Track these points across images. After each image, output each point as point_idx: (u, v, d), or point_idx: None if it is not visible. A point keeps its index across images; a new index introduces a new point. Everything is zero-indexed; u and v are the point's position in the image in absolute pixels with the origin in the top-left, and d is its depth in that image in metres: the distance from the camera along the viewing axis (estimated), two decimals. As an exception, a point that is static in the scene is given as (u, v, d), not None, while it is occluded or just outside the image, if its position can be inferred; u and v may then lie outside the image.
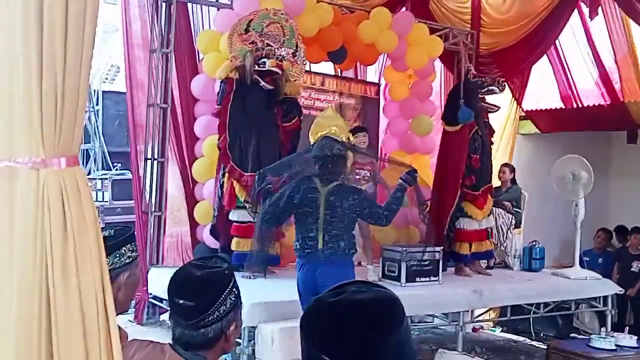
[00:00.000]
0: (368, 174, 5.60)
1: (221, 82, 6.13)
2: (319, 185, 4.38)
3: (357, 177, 5.29)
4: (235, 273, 1.82)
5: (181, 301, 1.78)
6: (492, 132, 7.33)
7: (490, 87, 6.98)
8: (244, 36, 6.20)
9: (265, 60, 5.99)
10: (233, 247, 6.06)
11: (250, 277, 5.74)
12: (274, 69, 5.99)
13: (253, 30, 6.22)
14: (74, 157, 1.24)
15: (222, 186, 6.15)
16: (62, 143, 1.21)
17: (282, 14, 6.40)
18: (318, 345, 1.14)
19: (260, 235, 4.79)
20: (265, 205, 4.51)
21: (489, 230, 7.24)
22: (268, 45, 6.12)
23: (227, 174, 6.07)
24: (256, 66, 6.00)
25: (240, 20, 6.25)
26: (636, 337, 5.99)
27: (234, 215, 6.09)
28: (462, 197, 6.98)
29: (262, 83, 5.99)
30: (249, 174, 5.90)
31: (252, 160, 5.96)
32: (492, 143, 7.34)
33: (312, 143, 4.65)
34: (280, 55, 6.12)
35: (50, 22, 1.18)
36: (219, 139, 6.13)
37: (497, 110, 7.24)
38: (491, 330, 8.19)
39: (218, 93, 6.19)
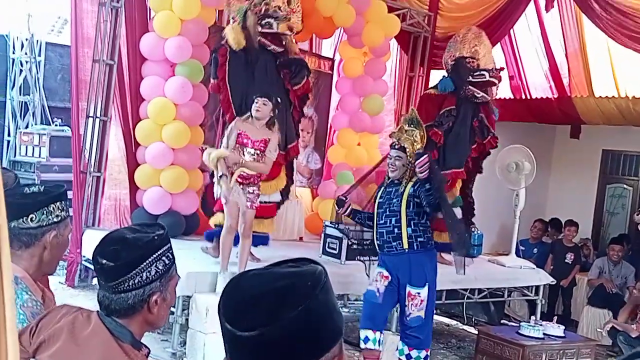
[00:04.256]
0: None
1: (212, 51, 5.67)
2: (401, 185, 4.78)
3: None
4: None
5: (104, 261, 1.70)
6: (491, 139, 6.95)
7: (482, 72, 6.67)
8: None
9: (270, 21, 5.48)
10: (213, 221, 5.73)
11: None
12: (287, 32, 5.54)
13: None
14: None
15: None
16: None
17: None
18: (230, 315, 1.09)
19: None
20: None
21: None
22: None
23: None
24: (260, 27, 5.47)
25: None
26: (563, 327, 6.19)
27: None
28: None
29: (272, 47, 5.55)
30: None
31: None
32: (487, 152, 7.04)
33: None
34: (276, 8, 5.52)
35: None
36: (224, 115, 5.67)
37: (482, 100, 6.74)
38: (425, 312, 8.29)
39: (210, 63, 5.71)
